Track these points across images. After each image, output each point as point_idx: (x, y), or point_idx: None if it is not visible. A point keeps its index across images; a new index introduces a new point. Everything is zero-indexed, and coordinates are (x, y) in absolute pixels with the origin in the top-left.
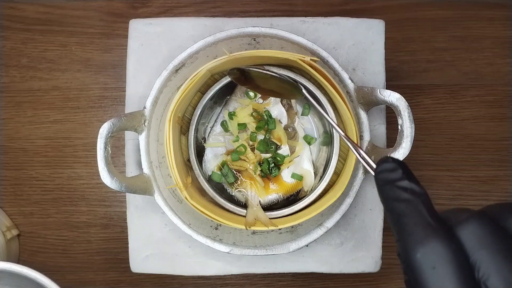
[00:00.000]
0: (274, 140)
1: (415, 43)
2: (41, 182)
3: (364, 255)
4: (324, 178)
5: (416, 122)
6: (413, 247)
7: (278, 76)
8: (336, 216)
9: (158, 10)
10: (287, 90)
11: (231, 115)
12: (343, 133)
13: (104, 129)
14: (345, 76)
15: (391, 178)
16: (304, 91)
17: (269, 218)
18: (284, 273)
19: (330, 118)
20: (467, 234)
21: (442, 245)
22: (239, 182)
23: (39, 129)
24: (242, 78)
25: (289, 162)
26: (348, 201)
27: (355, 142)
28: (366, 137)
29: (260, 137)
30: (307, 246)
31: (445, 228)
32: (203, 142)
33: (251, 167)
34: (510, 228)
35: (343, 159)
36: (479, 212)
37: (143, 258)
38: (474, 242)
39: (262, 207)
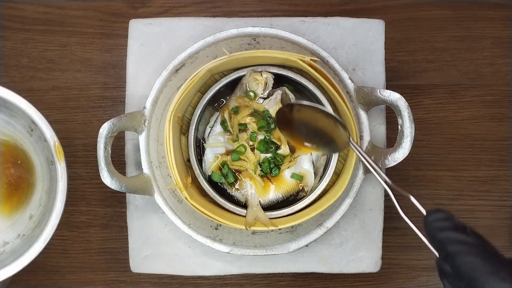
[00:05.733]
0: (274, 140)
1: (415, 43)
2: None
3: (364, 255)
4: (324, 178)
5: (416, 122)
6: (492, 284)
7: (331, 115)
8: (336, 216)
9: (158, 10)
10: (333, 136)
11: (232, 112)
12: (389, 182)
13: (104, 129)
14: (345, 76)
15: (449, 225)
16: (351, 140)
17: (269, 218)
18: (284, 273)
19: (374, 167)
20: None
21: None
22: (239, 182)
23: None
24: (288, 117)
25: (289, 162)
26: (348, 201)
27: (356, 142)
28: (366, 137)
29: (260, 137)
30: (307, 246)
31: None
32: (203, 142)
33: (251, 167)
34: None
35: (343, 159)
36: None
37: (143, 258)
38: None
39: (262, 207)
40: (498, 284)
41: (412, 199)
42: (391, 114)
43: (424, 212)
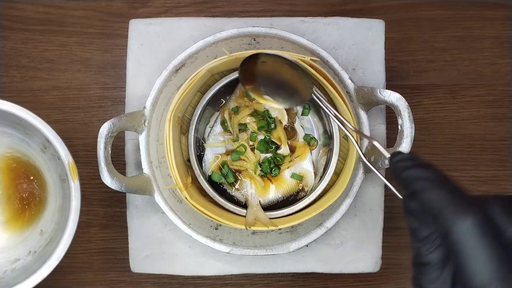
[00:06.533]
0: (274, 140)
1: (415, 43)
2: None
3: (364, 255)
4: (324, 178)
5: (416, 122)
6: (455, 220)
7: (295, 64)
8: (336, 216)
9: (158, 10)
10: (297, 87)
11: (232, 112)
12: (352, 130)
13: (104, 129)
14: (345, 76)
15: (409, 164)
16: (314, 90)
17: (269, 218)
18: (284, 273)
19: (343, 121)
20: (498, 210)
21: (482, 217)
22: (239, 182)
23: None
24: (252, 70)
25: (289, 162)
26: (348, 201)
27: (355, 140)
28: None
29: (260, 137)
30: (307, 246)
31: (480, 202)
32: (203, 142)
33: (251, 167)
34: None
35: (343, 159)
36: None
37: (143, 258)
38: (506, 217)
39: (262, 207)
40: (461, 215)
41: (376, 143)
42: (391, 114)
43: (387, 155)
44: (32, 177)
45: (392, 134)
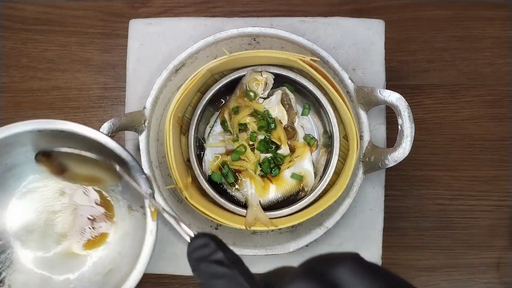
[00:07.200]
0: (274, 140)
1: (415, 43)
2: None
3: (364, 255)
4: (324, 178)
5: (416, 122)
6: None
7: (94, 157)
8: (336, 216)
9: (158, 10)
10: (105, 173)
11: (232, 112)
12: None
13: (104, 129)
14: (345, 76)
15: (205, 254)
16: (118, 168)
17: (269, 218)
18: None
19: None
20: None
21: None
22: (239, 182)
23: None
24: (54, 164)
25: (289, 162)
26: (348, 201)
27: (356, 142)
28: (366, 137)
29: (260, 137)
30: (307, 246)
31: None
32: (203, 142)
33: (251, 167)
34: (334, 280)
35: (343, 159)
36: (301, 272)
37: None
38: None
39: (262, 207)
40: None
41: (182, 225)
42: (391, 114)
43: (188, 239)
44: (100, 201)
45: (392, 134)
